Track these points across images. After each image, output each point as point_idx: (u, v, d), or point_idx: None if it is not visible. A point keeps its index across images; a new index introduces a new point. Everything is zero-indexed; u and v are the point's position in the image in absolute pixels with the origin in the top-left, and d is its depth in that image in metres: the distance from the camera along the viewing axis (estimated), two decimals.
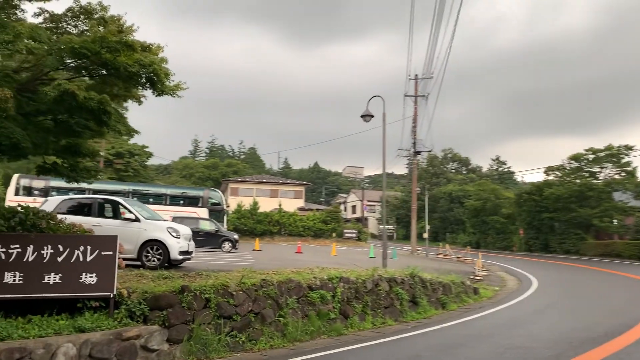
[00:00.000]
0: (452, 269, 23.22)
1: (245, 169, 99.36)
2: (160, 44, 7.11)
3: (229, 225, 47.89)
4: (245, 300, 8.19)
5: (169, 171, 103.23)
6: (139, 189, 30.75)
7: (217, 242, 23.14)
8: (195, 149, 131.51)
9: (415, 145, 38.30)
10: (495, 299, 14.84)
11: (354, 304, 9.91)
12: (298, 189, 63.08)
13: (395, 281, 11.40)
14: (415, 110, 38.74)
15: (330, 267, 13.13)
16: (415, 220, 38.90)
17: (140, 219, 10.32)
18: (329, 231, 52.15)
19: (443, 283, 13.19)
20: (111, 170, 52.55)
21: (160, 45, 7.12)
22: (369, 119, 14.93)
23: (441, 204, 62.88)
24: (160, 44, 7.11)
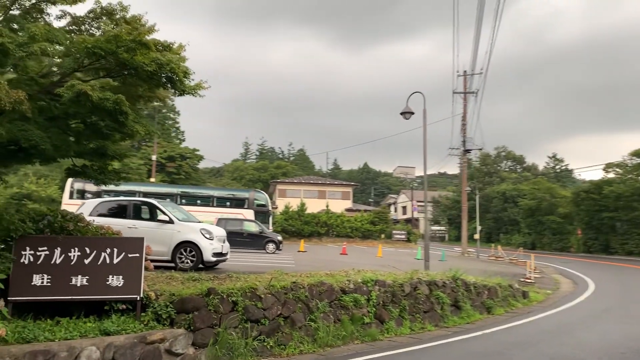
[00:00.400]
0: (502, 271, 22.33)
1: (294, 171, 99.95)
2: (182, 43, 7.01)
3: (277, 226, 48.19)
4: (274, 304, 7.97)
5: (221, 174, 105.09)
6: (187, 191, 31.30)
7: (261, 243, 23.17)
8: (246, 151, 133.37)
9: (465, 144, 37.24)
10: (546, 303, 14.04)
11: (391, 308, 9.52)
12: (346, 189, 62.73)
13: (436, 284, 10.91)
14: (465, 107, 37.72)
15: (371, 269, 12.80)
16: (465, 221, 37.80)
17: (174, 220, 10.33)
18: (377, 232, 51.53)
19: (488, 286, 12.57)
20: (164, 174, 53.89)
21: (182, 45, 7.01)
22: (409, 116, 14.46)
23: (494, 204, 60.94)
24: (182, 43, 7.01)
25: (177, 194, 29.95)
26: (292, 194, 59.50)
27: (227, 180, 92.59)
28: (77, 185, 28.83)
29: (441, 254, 27.98)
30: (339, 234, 50.54)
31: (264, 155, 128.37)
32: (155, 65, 5.85)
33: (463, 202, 37.90)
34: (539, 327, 10.28)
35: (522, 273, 21.36)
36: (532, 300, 14.24)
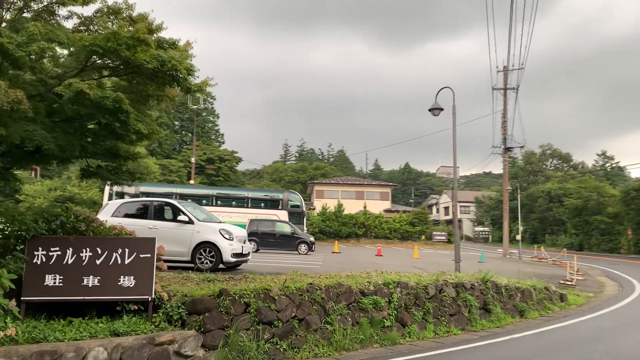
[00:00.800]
0: (542, 273, 21.49)
1: (332, 172, 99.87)
2: (189, 40, 6.92)
3: (314, 227, 48.16)
4: (289, 306, 7.77)
5: (261, 175, 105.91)
6: (222, 192, 31.56)
7: (294, 244, 23.06)
8: (285, 153, 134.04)
9: (506, 141, 36.20)
10: (585, 307, 13.33)
11: (413, 311, 9.17)
12: (384, 190, 62.09)
13: (464, 287, 10.48)
14: (505, 104, 36.71)
15: (402, 271, 12.46)
16: (507, 222, 36.70)
17: (193, 220, 10.29)
18: (416, 233, 50.74)
19: (522, 289, 12.01)
20: (203, 176, 54.69)
21: (189, 42, 6.92)
22: (438, 113, 14.02)
23: (539, 204, 58.98)
24: (189, 40, 6.92)
25: (213, 196, 30.23)
26: (330, 195, 59.30)
27: (267, 182, 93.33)
28: (116, 187, 29.48)
29: (480, 256, 27.17)
30: (377, 235, 50.04)
31: (303, 157, 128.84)
32: (156, 62, 5.75)
33: (504, 202, 36.81)
34: (571, 332, 9.72)
35: (564, 275, 20.50)
36: (571, 303, 13.56)
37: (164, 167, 49.25)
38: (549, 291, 13.05)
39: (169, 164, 49.88)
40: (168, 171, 48.85)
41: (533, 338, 9.05)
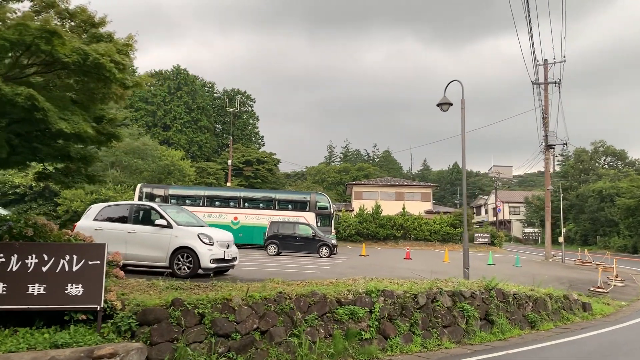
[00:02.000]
0: (580, 277, 20.09)
1: (376, 172, 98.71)
2: (132, 34, 6.49)
3: (351, 229, 47.44)
4: (250, 316, 7.22)
5: (305, 177, 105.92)
6: (249, 195, 31.35)
7: (315, 247, 22.50)
8: (330, 154, 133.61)
9: (547, 139, 34.42)
10: (612, 317, 12.15)
11: (398, 322, 8.43)
12: (425, 191, 60.56)
13: (462, 295, 9.62)
14: (546, 99, 34.92)
15: (418, 276, 11.69)
16: (549, 223, 34.86)
17: (172, 224, 9.89)
18: (457, 235, 49.06)
19: (535, 297, 11.00)
20: (241, 178, 54.95)
21: (131, 35, 6.49)
22: (446, 108, 13.12)
23: (589, 204, 56.00)
24: (132, 34, 6.49)
25: (240, 198, 30.07)
26: (369, 196, 58.38)
27: (309, 184, 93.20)
28: (145, 189, 29.85)
29: (515, 259, 25.77)
30: (417, 237, 48.75)
31: (348, 158, 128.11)
32: (77, 56, 5.34)
33: (546, 202, 34.98)
34: (580, 347, 8.70)
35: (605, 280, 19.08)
36: (596, 313, 12.38)
37: (201, 169, 49.77)
38: (570, 300, 11.94)
39: (207, 166, 50.36)
40: (206, 174, 49.32)
41: (530, 354, 8.13)
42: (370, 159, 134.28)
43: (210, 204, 29.59)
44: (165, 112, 56.93)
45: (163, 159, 40.12)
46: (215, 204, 29.72)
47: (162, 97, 57.30)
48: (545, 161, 34.81)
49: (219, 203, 29.85)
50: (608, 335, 9.78)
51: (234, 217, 28.86)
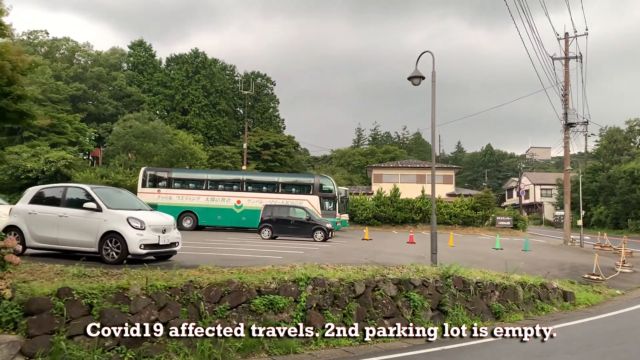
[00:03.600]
0: (587, 263, 18.87)
1: (403, 155, 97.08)
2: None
3: (368, 212, 46.60)
4: (148, 307, 6.66)
5: (331, 161, 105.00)
6: (251, 178, 30.82)
7: (309, 231, 21.84)
8: (358, 137, 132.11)
9: (567, 117, 32.67)
10: (597, 308, 11.16)
11: (329, 313, 7.74)
12: (447, 173, 59.00)
13: (411, 283, 8.84)
14: (566, 74, 33.06)
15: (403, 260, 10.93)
16: (568, 205, 33.27)
17: (102, 208, 9.37)
18: (479, 219, 47.62)
19: (503, 286, 10.09)
20: (259, 161, 54.61)
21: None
22: (418, 82, 12.18)
23: (620, 185, 53.46)
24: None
25: (243, 181, 29.58)
26: (389, 179, 57.31)
27: (333, 167, 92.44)
28: (149, 173, 29.68)
29: (525, 243, 24.57)
30: (436, 221, 47.47)
31: (376, 141, 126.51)
32: None
33: (565, 183, 33.37)
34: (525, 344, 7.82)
35: (610, 266, 17.92)
36: (580, 303, 11.38)
37: (218, 153, 49.62)
38: (547, 288, 10.97)
39: (223, 150, 50.18)
40: (222, 157, 49.14)
41: (464, 351, 7.33)
42: (400, 142, 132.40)
43: (213, 188, 29.22)
44: (183, 96, 56.89)
45: (175, 142, 40.01)
46: (219, 188, 29.33)
47: (180, 81, 57.25)
48: (565, 140, 33.04)
49: (222, 186, 29.44)
50: (572, 329, 8.84)
51: (237, 200, 28.44)
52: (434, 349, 7.43)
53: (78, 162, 37.66)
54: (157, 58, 61.73)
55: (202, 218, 28.63)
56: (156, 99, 56.10)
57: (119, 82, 50.68)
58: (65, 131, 40.33)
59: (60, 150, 36.76)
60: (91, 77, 48.46)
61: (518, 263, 17.61)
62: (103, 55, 54.32)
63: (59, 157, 34.88)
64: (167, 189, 29.14)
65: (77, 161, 37.32)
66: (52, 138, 39.47)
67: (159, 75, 57.84)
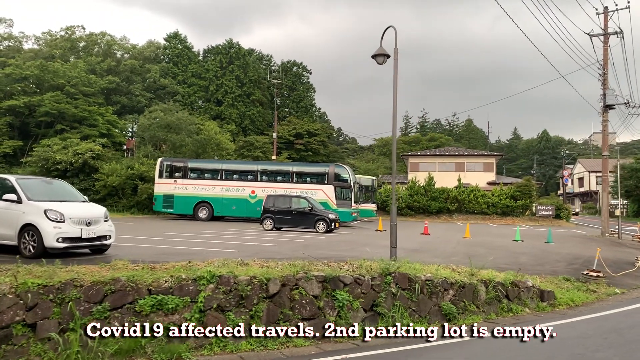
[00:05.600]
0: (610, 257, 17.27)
1: (448, 143, 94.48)
2: None
3: (401, 202, 45.27)
4: (13, 307, 6.16)
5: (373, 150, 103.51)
6: (266, 167, 30.36)
7: (311, 222, 21.13)
8: (406, 125, 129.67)
9: (605, 98, 30.29)
10: (580, 309, 9.95)
11: (232, 315, 7.03)
12: (488, 160, 56.62)
13: (341, 281, 7.99)
14: (605, 52, 30.67)
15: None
16: (606, 193, 30.88)
17: (22, 199, 9.00)
18: (519, 208, 45.38)
19: (460, 284, 9.05)
20: (292, 151, 54.22)
21: None
22: (382, 60, 11.15)
23: None
24: None
25: (258, 171, 29.18)
26: (426, 167, 55.59)
27: (375, 156, 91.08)
28: (165, 164, 29.78)
29: (547, 235, 22.88)
30: (473, 211, 45.71)
31: (425, 129, 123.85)
32: None
33: (603, 170, 30.95)
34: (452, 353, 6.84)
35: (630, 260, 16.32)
36: (561, 303, 10.16)
37: (249, 143, 49.56)
38: (518, 287, 9.80)
39: (254, 140, 50.05)
40: (253, 147, 49.03)
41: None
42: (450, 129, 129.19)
43: (228, 178, 28.98)
44: (217, 86, 57.13)
45: (201, 133, 40.11)
46: (233, 178, 29.07)
47: (214, 72, 57.51)
48: (603, 123, 30.64)
49: (237, 177, 29.16)
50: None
51: (251, 190, 28.08)
52: (353, 355, 6.60)
53: (108, 154, 38.38)
54: (195, 50, 62.29)
55: (217, 208, 28.48)
56: (191, 90, 56.62)
57: (152, 74, 51.37)
58: (96, 123, 41.21)
59: (90, 142, 37.57)
60: (124, 70, 49.35)
61: (522, 257, 16.30)
62: (138, 49, 55.23)
63: (87, 149, 35.62)
64: (183, 179, 29.15)
65: (106, 152, 38.04)
66: (84, 130, 40.42)
67: (194, 66, 58.30)
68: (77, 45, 51.98)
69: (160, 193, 29.25)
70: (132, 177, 34.65)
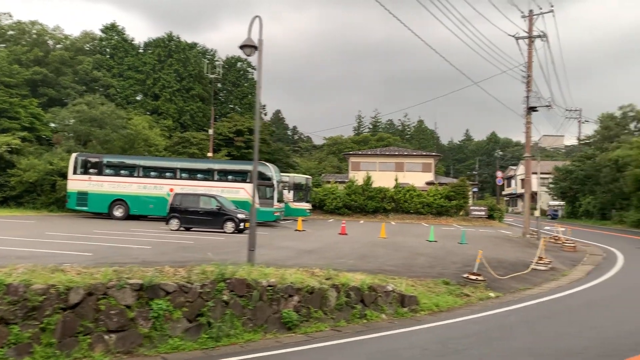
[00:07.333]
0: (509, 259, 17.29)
1: (396, 142, 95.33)
2: None
3: (339, 202, 45.06)
4: None
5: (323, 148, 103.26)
6: (186, 165, 29.38)
7: (220, 222, 20.39)
8: (358, 125, 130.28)
9: (529, 100, 30.75)
10: (446, 314, 9.80)
11: (16, 329, 6.25)
12: (426, 161, 57.11)
13: (162, 289, 7.32)
14: (529, 54, 31.05)
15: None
16: (528, 195, 31.42)
17: None
18: (453, 208, 45.93)
19: (308, 290, 8.54)
20: (232, 148, 53.13)
21: None
22: (249, 52, 10.60)
23: (604, 174, 51.20)
24: None
25: (177, 168, 28.16)
26: (367, 166, 55.59)
27: (323, 155, 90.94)
28: (80, 159, 28.39)
29: (461, 235, 22.90)
30: (408, 211, 45.97)
31: (377, 129, 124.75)
32: None
33: (526, 172, 31.50)
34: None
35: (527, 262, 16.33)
36: (424, 308, 9.82)
37: (184, 139, 48.26)
38: (376, 291, 9.39)
39: (190, 136, 48.72)
40: (189, 144, 47.72)
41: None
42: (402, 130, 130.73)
43: (146, 175, 27.85)
44: (155, 80, 55.39)
45: (129, 127, 38.62)
46: (152, 175, 27.96)
47: (152, 66, 55.76)
48: (527, 125, 31.09)
49: (155, 174, 28.06)
50: (333, 350, 7.28)
51: (170, 188, 27.04)
52: None
53: (29, 148, 36.44)
54: (136, 42, 60.27)
55: (133, 207, 27.34)
56: (127, 84, 54.70)
57: (84, 66, 49.29)
58: (18, 116, 39.08)
59: (9, 136, 35.54)
60: (54, 61, 47.13)
61: (420, 258, 16.05)
62: (71, 40, 52.95)
63: (3, 143, 33.67)
64: (99, 176, 27.86)
65: (26, 147, 36.11)
66: (3, 123, 38.26)
67: (131, 59, 56.33)
68: (4, 34, 49.33)
69: (74, 190, 27.86)
70: (51, 173, 32.97)
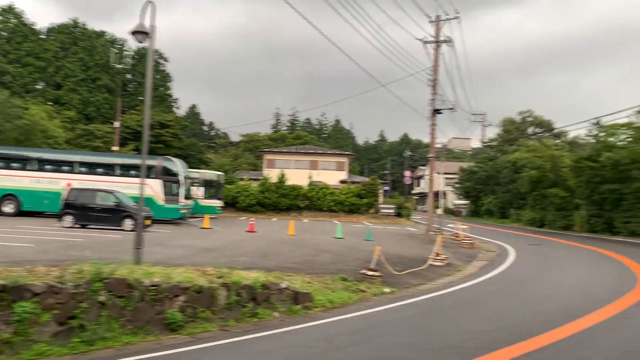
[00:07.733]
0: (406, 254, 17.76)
1: (312, 141, 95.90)
2: None
3: (251, 199, 44.60)
4: None
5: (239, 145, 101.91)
6: (85, 158, 27.82)
7: (118, 219, 19.42)
8: (276, 122, 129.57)
9: (434, 102, 31.93)
10: (338, 310, 9.78)
11: None
12: (340, 160, 57.99)
13: (28, 290, 6.76)
14: (436, 58, 32.22)
15: None
16: (432, 193, 32.74)
17: None
18: (364, 206, 46.89)
19: (196, 288, 8.23)
20: (139, 142, 51.00)
21: None
22: (142, 39, 10.11)
23: (504, 175, 54.52)
24: None
25: (75, 162, 26.55)
26: (282, 164, 55.38)
27: (240, 151, 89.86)
28: None
29: (367, 233, 23.35)
30: (321, 208, 46.39)
31: (294, 127, 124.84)
32: None
33: (430, 172, 32.76)
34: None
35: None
36: (318, 305, 9.84)
37: (88, 132, 45.75)
38: (269, 289, 9.26)
39: (95, 128, 46.26)
40: (93, 137, 45.29)
41: None
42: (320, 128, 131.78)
43: (40, 168, 26.01)
44: (57, 68, 52.05)
45: (25, 117, 35.95)
46: (46, 169, 26.15)
47: (55, 53, 52.34)
48: (432, 127, 32.31)
49: (51, 167, 26.27)
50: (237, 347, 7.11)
51: (67, 183, 25.36)
52: None
53: None
54: (37, 27, 56.25)
55: (26, 202, 25.43)
56: (25, 71, 50.96)
57: None
58: None
59: None
60: None
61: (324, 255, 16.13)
62: None
63: None
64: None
65: None
66: None
67: (31, 45, 52.53)
68: None
69: None
70: None
